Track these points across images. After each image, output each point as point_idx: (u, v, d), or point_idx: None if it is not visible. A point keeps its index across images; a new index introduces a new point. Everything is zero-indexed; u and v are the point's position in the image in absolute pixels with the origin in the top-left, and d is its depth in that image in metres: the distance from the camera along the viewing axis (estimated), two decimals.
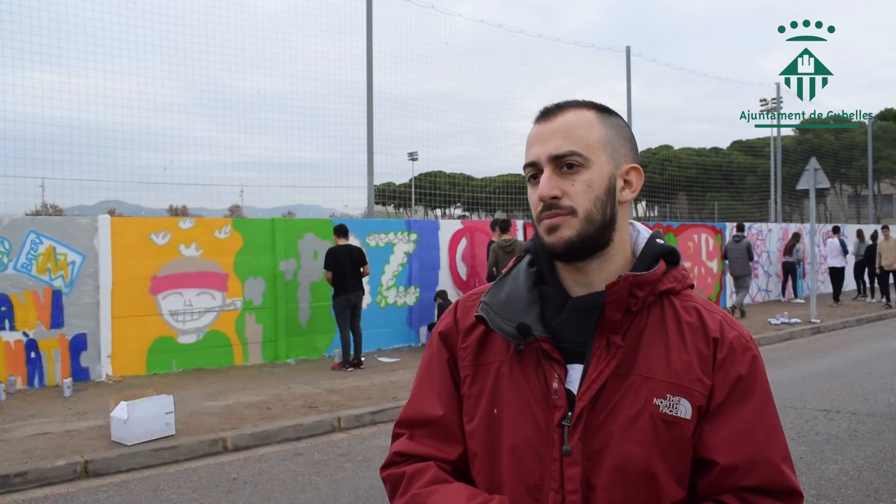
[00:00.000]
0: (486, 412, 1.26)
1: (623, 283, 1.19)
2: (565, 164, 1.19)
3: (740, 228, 15.09)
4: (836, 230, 17.30)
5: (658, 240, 1.29)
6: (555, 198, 1.19)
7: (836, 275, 16.78)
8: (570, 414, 1.19)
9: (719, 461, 1.17)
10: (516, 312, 1.24)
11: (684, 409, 1.17)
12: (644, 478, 1.16)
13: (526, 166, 1.24)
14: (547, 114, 1.24)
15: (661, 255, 1.26)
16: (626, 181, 1.25)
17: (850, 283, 18.35)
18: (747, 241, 14.59)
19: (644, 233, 1.31)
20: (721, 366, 1.20)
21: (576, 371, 1.21)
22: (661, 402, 1.17)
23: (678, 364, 1.19)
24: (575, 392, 1.20)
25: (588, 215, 1.19)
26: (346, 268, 9.04)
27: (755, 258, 15.47)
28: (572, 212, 1.19)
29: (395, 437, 1.36)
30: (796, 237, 17.20)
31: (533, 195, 1.23)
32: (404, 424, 1.35)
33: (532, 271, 1.30)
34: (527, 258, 1.33)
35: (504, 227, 9.91)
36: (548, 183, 1.19)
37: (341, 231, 9.30)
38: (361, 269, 9.19)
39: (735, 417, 1.19)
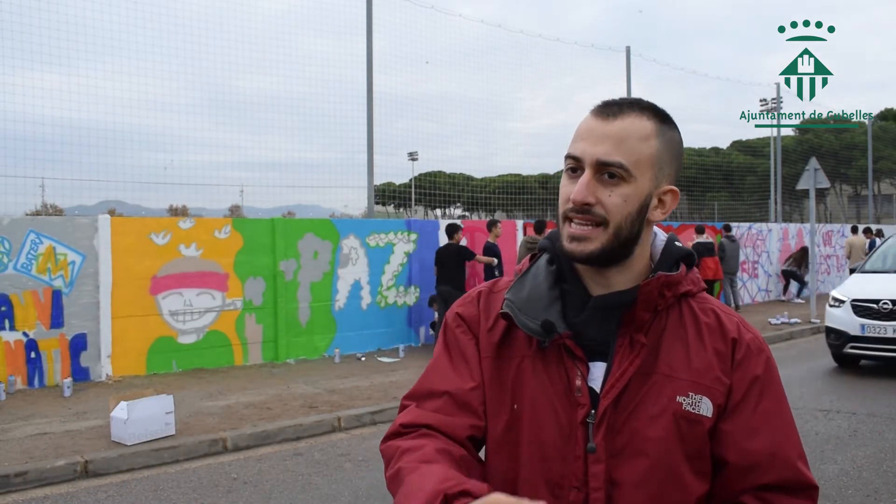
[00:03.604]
0: (506, 407, 1.26)
1: (655, 282, 1.20)
2: (608, 172, 1.17)
3: (729, 229, 15.35)
4: (878, 232, 17.35)
5: (677, 243, 1.30)
6: (587, 204, 1.18)
7: None
8: (593, 412, 1.19)
9: (737, 460, 1.18)
10: (539, 310, 1.24)
11: (706, 408, 1.19)
12: (668, 475, 1.17)
13: (568, 157, 1.22)
14: (606, 111, 1.21)
15: (681, 258, 1.27)
16: (660, 201, 1.24)
17: None
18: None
19: (661, 235, 1.31)
20: (739, 366, 1.22)
21: (597, 369, 1.22)
22: (685, 400, 1.18)
23: (698, 363, 1.21)
24: (597, 390, 1.21)
25: (617, 230, 1.18)
26: (441, 264, 10.06)
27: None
28: (603, 222, 1.18)
29: (402, 408, 1.32)
30: (804, 252, 17.19)
31: (565, 187, 1.22)
32: (414, 397, 1.31)
33: (552, 269, 1.30)
34: (545, 256, 1.33)
35: (539, 227, 10.79)
36: (585, 188, 1.17)
37: (446, 230, 10.44)
38: (468, 263, 10.15)
39: (751, 416, 1.20)
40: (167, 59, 10.71)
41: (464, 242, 10.74)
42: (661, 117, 1.23)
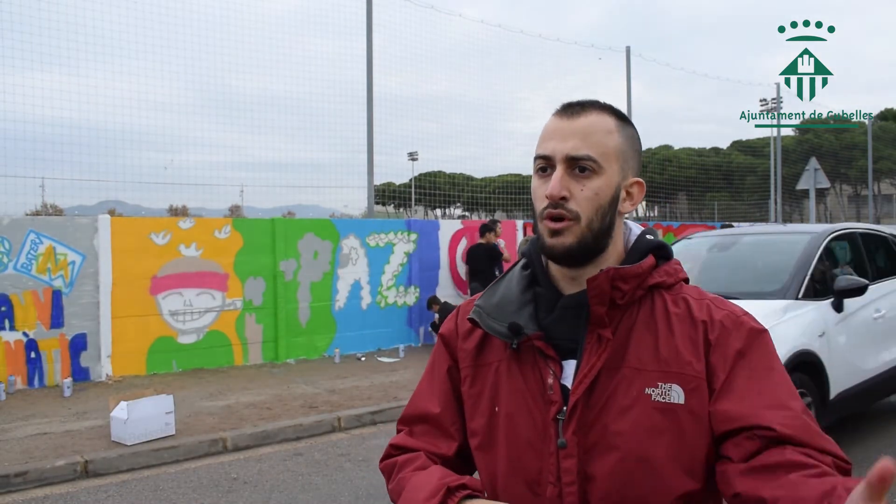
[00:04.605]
0: (487, 411, 1.31)
1: (603, 276, 1.20)
2: (579, 166, 1.22)
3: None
4: None
5: (648, 236, 1.31)
6: (563, 199, 1.21)
7: None
8: (564, 408, 1.21)
9: (743, 418, 1.13)
10: (509, 313, 1.28)
11: (676, 395, 1.18)
12: (641, 467, 1.17)
13: (538, 157, 1.26)
14: (569, 110, 1.26)
15: (650, 250, 1.28)
16: (628, 193, 1.28)
17: None
18: None
19: (635, 230, 1.33)
20: (716, 347, 1.20)
21: (571, 367, 1.24)
22: (654, 392, 1.18)
23: (666, 352, 1.20)
24: (570, 387, 1.22)
25: (589, 223, 1.22)
26: (475, 264, 10.36)
27: None
28: (576, 217, 1.21)
29: (397, 433, 1.44)
30: None
31: (539, 188, 1.25)
32: (405, 421, 1.43)
33: (526, 274, 1.34)
34: (521, 261, 1.37)
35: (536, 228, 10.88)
36: (559, 183, 1.21)
37: (479, 229, 10.73)
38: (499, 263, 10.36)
39: (745, 390, 1.16)
40: (167, 59, 10.71)
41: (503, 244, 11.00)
42: (619, 115, 1.29)
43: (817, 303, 5.49)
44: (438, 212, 22.23)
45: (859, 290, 5.48)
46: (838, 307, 5.54)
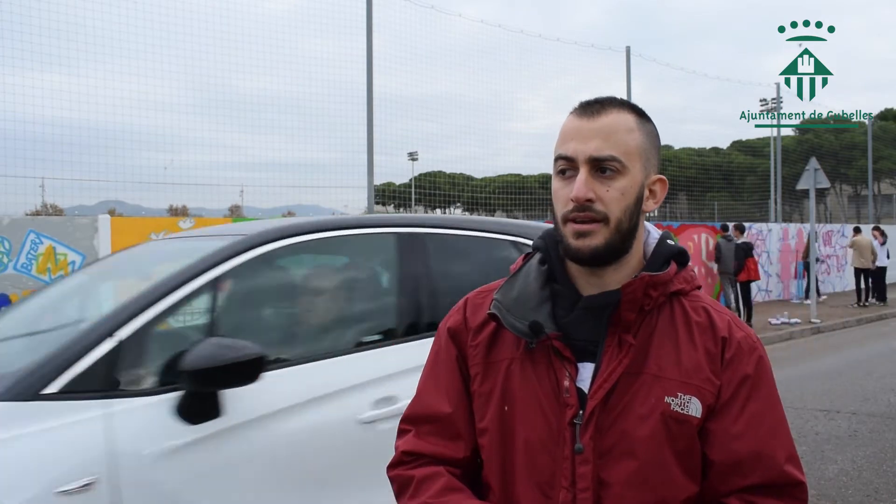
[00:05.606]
0: (496, 410, 1.26)
1: (639, 283, 1.20)
2: (602, 167, 1.19)
3: (726, 228, 15.12)
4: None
5: (668, 241, 1.30)
6: (589, 200, 1.18)
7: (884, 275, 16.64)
8: (581, 412, 1.19)
9: (723, 459, 1.19)
10: (528, 310, 1.24)
11: (695, 408, 1.19)
12: (657, 475, 1.17)
13: (559, 158, 1.22)
14: (589, 109, 1.22)
15: (672, 257, 1.27)
16: (651, 191, 1.26)
17: (850, 284, 18.35)
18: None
19: (654, 234, 1.31)
20: (728, 365, 1.21)
21: (586, 369, 1.22)
22: (673, 401, 1.18)
23: (688, 363, 1.20)
24: (586, 390, 1.20)
25: (618, 224, 1.19)
26: None
27: None
28: (604, 219, 1.18)
29: (401, 433, 1.36)
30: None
31: (561, 190, 1.22)
32: (410, 421, 1.35)
33: (543, 269, 1.30)
34: (537, 256, 1.33)
35: None
36: (584, 185, 1.18)
37: None
38: None
39: (739, 415, 1.20)
40: (167, 59, 10.72)
41: None
42: (638, 112, 1.26)
43: (128, 402, 2.29)
44: (438, 212, 22.23)
45: (246, 375, 2.33)
46: (197, 411, 2.30)
